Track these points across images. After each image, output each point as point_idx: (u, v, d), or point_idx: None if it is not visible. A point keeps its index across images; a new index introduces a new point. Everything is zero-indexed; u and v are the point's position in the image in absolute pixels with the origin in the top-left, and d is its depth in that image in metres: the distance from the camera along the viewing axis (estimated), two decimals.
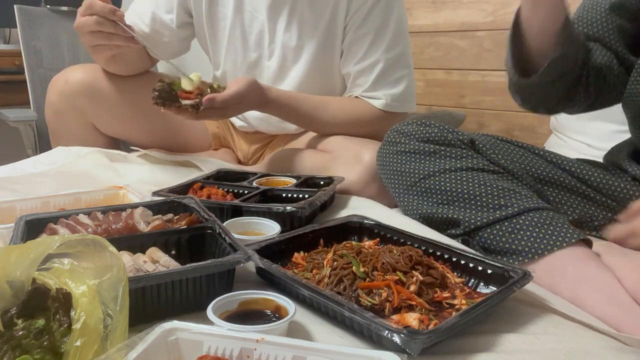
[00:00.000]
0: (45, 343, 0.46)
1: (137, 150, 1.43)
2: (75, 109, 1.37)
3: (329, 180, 1.10)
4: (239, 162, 1.54)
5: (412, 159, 0.91)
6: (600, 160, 1.04)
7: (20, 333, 0.46)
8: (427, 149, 0.91)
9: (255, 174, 1.18)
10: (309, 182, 1.12)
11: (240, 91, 1.10)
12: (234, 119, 1.50)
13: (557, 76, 0.91)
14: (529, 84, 0.92)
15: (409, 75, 1.31)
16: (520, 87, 0.96)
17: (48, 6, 2.05)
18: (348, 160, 1.16)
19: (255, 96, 1.16)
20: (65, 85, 1.36)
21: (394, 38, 1.27)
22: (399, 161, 0.93)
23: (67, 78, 1.36)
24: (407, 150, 0.93)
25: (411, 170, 0.91)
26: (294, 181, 1.11)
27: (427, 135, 0.92)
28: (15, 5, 1.97)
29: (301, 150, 1.32)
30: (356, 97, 1.31)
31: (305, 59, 1.31)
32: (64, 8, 2.09)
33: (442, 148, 0.90)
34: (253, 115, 1.39)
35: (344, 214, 1.01)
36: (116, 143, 1.52)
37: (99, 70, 1.38)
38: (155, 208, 0.82)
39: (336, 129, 1.28)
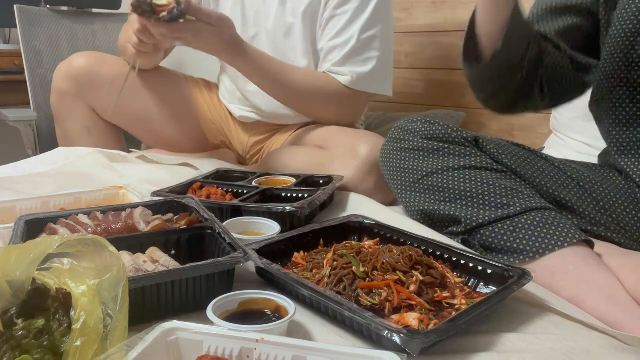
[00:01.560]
0: (45, 343, 0.46)
1: (136, 152, 1.44)
2: (77, 92, 1.43)
3: (328, 179, 1.10)
4: (238, 161, 1.54)
5: (416, 156, 0.91)
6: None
7: (20, 333, 0.46)
8: (430, 146, 0.90)
9: (254, 173, 1.18)
10: (308, 181, 1.12)
11: (218, 14, 1.14)
12: (234, 109, 1.51)
13: (504, 70, 0.90)
14: (478, 73, 0.93)
15: (381, 58, 1.32)
16: (472, 76, 0.96)
17: (48, 6, 2.05)
18: (344, 155, 1.17)
19: (230, 32, 1.18)
20: (69, 67, 1.43)
21: (371, 20, 1.30)
22: (402, 158, 0.93)
23: (72, 61, 1.44)
24: (410, 147, 0.93)
25: (414, 168, 0.91)
26: (293, 180, 1.11)
27: (432, 133, 0.91)
28: (15, 5, 1.97)
29: (298, 147, 1.33)
30: (324, 72, 1.34)
31: (296, 38, 1.34)
32: (64, 8, 2.09)
33: (446, 146, 0.90)
34: (251, 89, 1.41)
35: (343, 213, 1.01)
36: (117, 131, 1.55)
37: (101, 57, 1.46)
38: (155, 208, 0.82)
39: (298, 97, 1.30)
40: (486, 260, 0.71)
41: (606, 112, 0.93)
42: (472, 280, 0.72)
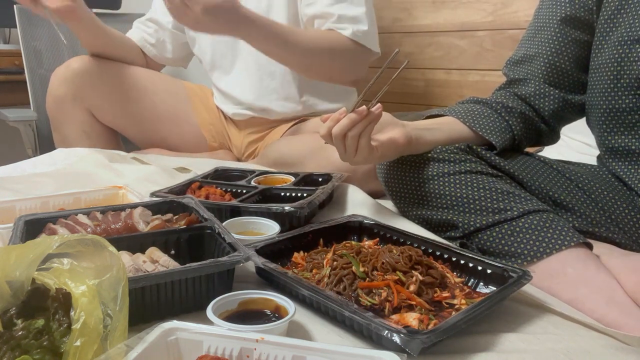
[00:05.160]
0: (44, 343, 0.46)
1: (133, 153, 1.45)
2: (74, 94, 1.45)
3: (328, 177, 1.09)
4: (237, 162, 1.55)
5: (411, 165, 0.91)
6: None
7: (20, 333, 0.46)
8: (426, 154, 0.90)
9: (253, 171, 1.18)
10: (307, 180, 1.12)
11: None
12: (227, 109, 1.52)
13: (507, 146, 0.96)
14: None
15: (368, 14, 1.34)
16: None
17: None
18: None
19: (230, 5, 1.14)
20: (66, 70, 1.45)
21: None
22: (398, 167, 0.93)
23: (69, 64, 1.47)
24: (406, 156, 0.92)
25: (410, 176, 0.91)
26: (292, 178, 1.10)
27: None
28: (15, 5, 1.96)
29: (296, 136, 1.35)
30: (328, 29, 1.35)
31: (280, 15, 1.37)
32: None
33: (440, 153, 0.90)
34: (233, 80, 1.44)
35: (343, 212, 1.00)
36: (115, 135, 1.56)
37: (98, 60, 1.48)
38: (154, 208, 0.82)
39: (312, 57, 1.29)
40: (486, 260, 0.71)
41: (597, 120, 0.94)
42: (472, 280, 0.72)
